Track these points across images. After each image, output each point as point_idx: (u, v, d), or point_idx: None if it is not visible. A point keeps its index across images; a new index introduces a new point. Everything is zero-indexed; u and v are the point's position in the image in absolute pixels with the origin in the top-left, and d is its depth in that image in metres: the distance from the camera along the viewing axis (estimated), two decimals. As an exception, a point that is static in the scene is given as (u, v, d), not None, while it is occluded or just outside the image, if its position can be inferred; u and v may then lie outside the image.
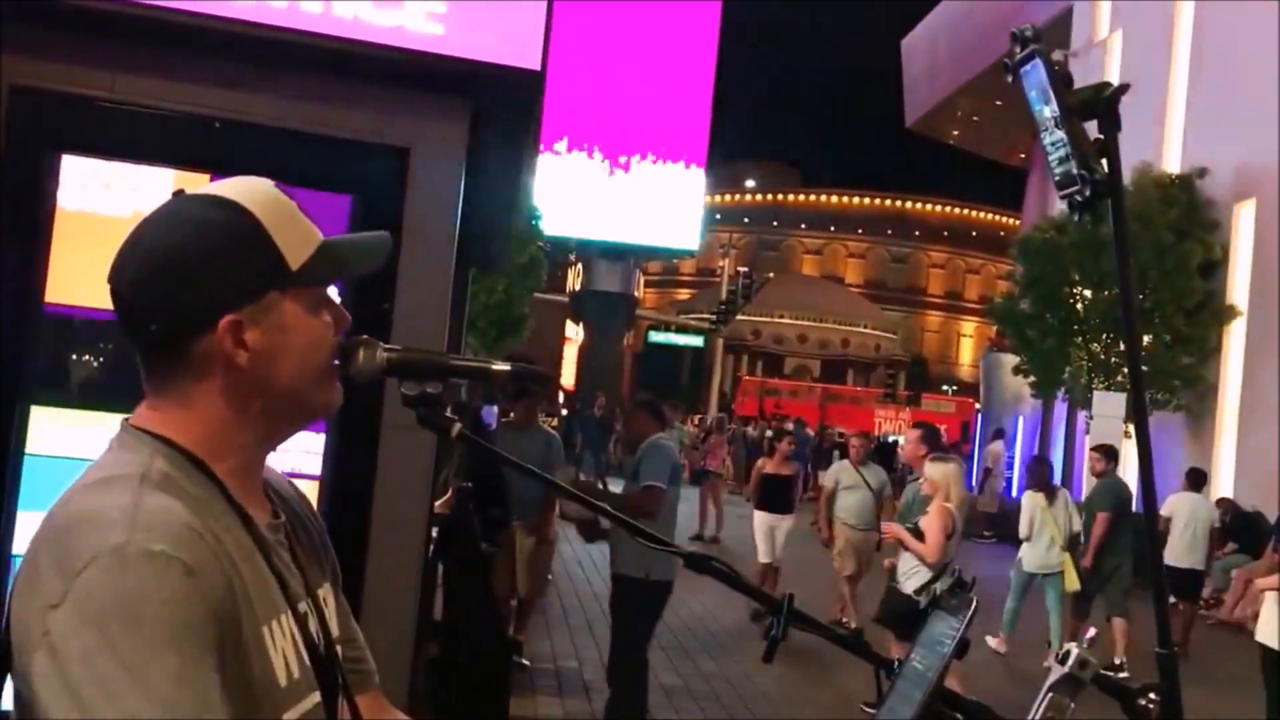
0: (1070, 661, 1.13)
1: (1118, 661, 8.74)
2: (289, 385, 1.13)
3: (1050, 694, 1.13)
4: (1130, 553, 9.02)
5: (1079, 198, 1.18)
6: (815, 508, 17.98)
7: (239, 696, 1.01)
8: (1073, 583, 8.91)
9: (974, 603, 1.16)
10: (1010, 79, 1.27)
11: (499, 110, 3.80)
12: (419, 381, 1.17)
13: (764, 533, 10.40)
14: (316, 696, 1.12)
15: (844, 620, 9.21)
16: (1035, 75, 1.23)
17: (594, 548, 10.15)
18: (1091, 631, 1.15)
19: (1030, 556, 9.11)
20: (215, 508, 1.08)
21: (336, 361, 1.18)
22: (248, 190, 1.14)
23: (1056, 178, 1.20)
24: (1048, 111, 1.22)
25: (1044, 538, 9.01)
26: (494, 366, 1.19)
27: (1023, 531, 9.19)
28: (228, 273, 1.09)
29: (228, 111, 3.19)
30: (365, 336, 1.18)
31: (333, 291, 1.20)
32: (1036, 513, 9.05)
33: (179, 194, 1.16)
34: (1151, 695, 1.12)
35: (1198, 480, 11.35)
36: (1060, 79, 1.22)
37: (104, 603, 0.93)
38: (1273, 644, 6.51)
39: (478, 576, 5.25)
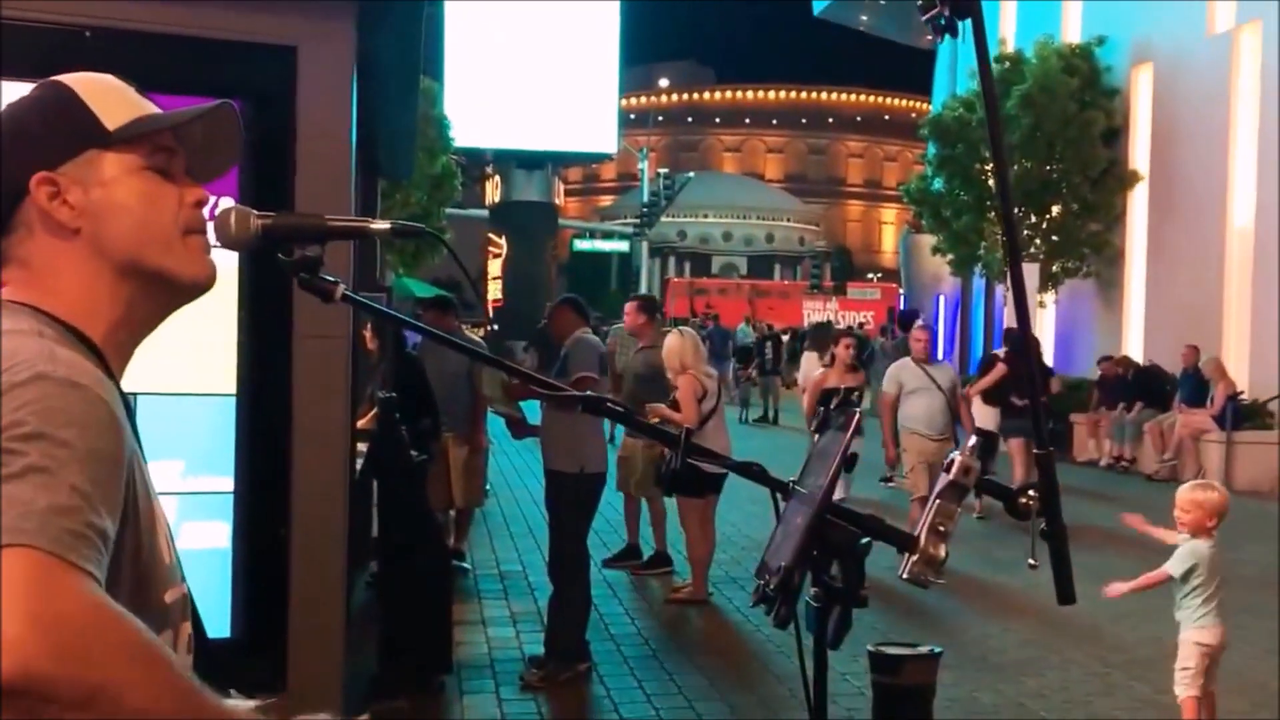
0: (955, 469, 1.18)
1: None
2: (129, 245, 1.10)
3: (938, 500, 1.18)
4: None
5: (940, 20, 1.19)
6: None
7: (132, 560, 0.99)
8: None
9: (858, 414, 1.20)
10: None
11: (387, 3, 3.69)
12: (298, 246, 1.16)
13: None
14: (185, 588, 1.11)
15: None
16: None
17: (530, 455, 10.21)
18: (973, 440, 1.20)
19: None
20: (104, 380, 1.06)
21: (207, 236, 1.15)
22: (82, 75, 1.17)
23: (919, 1, 1.21)
24: (909, -64, 1.23)
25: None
26: (372, 225, 1.18)
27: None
28: (37, 135, 1.12)
29: (98, 18, 3.04)
30: (234, 204, 1.16)
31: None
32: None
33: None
34: (1031, 493, 1.18)
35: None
36: (919, -99, 1.22)
37: (31, 412, 0.90)
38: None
39: (410, 485, 5.25)
